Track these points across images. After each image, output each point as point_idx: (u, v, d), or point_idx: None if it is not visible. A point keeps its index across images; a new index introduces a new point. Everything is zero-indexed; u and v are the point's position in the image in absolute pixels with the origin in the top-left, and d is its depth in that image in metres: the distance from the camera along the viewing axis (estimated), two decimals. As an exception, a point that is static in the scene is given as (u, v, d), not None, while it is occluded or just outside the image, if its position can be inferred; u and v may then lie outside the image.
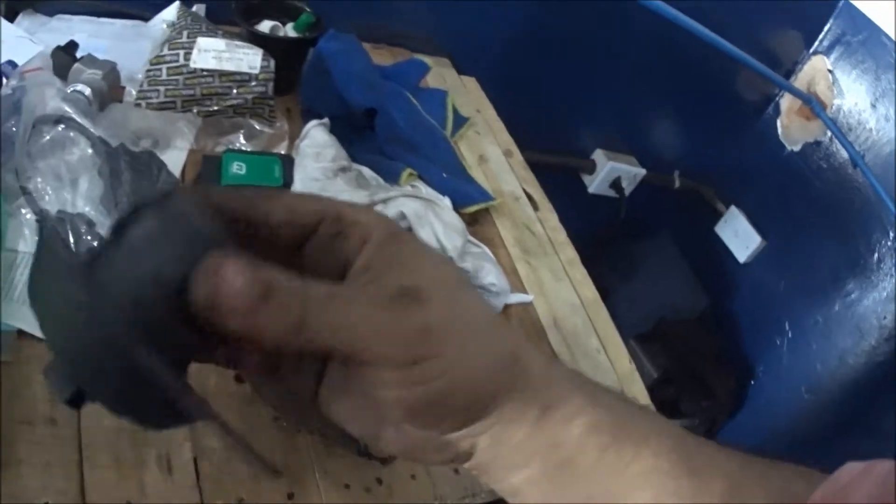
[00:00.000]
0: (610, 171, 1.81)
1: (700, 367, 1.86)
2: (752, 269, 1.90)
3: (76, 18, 1.13)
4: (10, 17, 1.06)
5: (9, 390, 0.65)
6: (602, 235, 1.88)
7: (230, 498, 0.64)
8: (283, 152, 1.03)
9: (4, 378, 0.66)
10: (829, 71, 1.70)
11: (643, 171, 1.85)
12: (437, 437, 0.37)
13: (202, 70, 0.99)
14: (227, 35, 1.04)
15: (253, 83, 1.02)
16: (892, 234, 1.56)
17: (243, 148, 1.01)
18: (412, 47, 1.42)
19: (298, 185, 0.94)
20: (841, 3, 1.67)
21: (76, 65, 0.95)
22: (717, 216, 1.95)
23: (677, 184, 1.95)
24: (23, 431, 0.63)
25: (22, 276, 0.74)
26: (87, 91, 0.92)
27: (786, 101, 1.82)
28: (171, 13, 1.11)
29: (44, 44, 1.00)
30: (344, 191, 0.93)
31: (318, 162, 0.96)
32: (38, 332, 0.70)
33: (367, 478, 0.72)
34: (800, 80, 1.77)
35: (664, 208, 2.00)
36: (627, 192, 1.86)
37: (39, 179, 0.80)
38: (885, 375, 1.58)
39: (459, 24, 1.48)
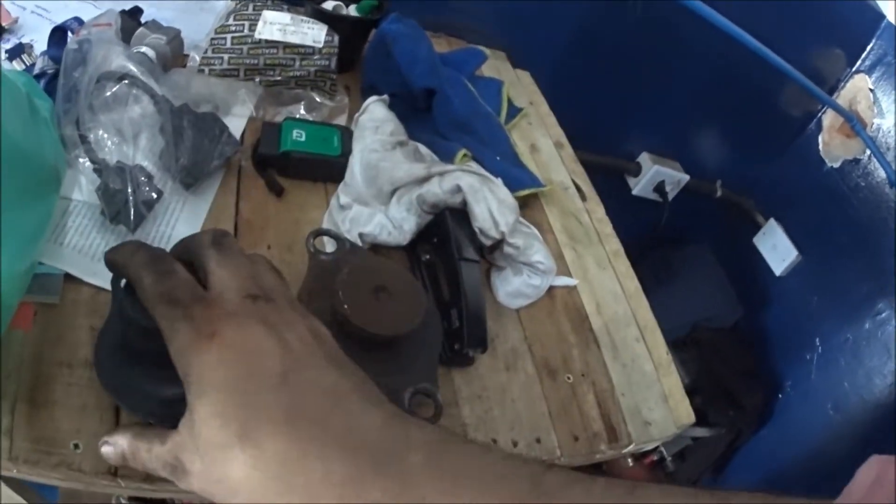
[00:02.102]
0: (655, 175, 1.72)
1: (729, 377, 1.76)
2: (787, 282, 1.79)
3: (138, -13, 1.07)
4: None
5: (52, 333, 0.60)
6: (643, 238, 1.79)
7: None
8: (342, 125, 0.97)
9: (48, 320, 0.61)
10: (871, 90, 1.60)
11: (687, 177, 1.76)
12: None
13: (266, 41, 0.93)
14: (293, 10, 0.98)
15: (316, 56, 0.96)
16: (925, 255, 1.45)
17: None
18: (469, 38, 1.35)
19: (357, 155, 0.87)
20: (884, 23, 1.57)
21: (141, 29, 0.90)
22: (756, 228, 1.84)
23: (719, 193, 1.85)
24: (62, 373, 0.57)
25: (74, 222, 0.69)
26: (152, 53, 0.87)
27: (828, 118, 1.71)
28: (237, -12, 1.05)
29: (105, 9, 0.94)
30: (402, 162, 0.86)
31: (376, 135, 0.89)
32: (84, 276, 0.64)
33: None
34: (842, 98, 1.66)
35: (705, 216, 1.90)
36: (670, 196, 1.77)
37: (101, 131, 0.75)
38: (911, 396, 1.48)
39: (518, 21, 1.40)
